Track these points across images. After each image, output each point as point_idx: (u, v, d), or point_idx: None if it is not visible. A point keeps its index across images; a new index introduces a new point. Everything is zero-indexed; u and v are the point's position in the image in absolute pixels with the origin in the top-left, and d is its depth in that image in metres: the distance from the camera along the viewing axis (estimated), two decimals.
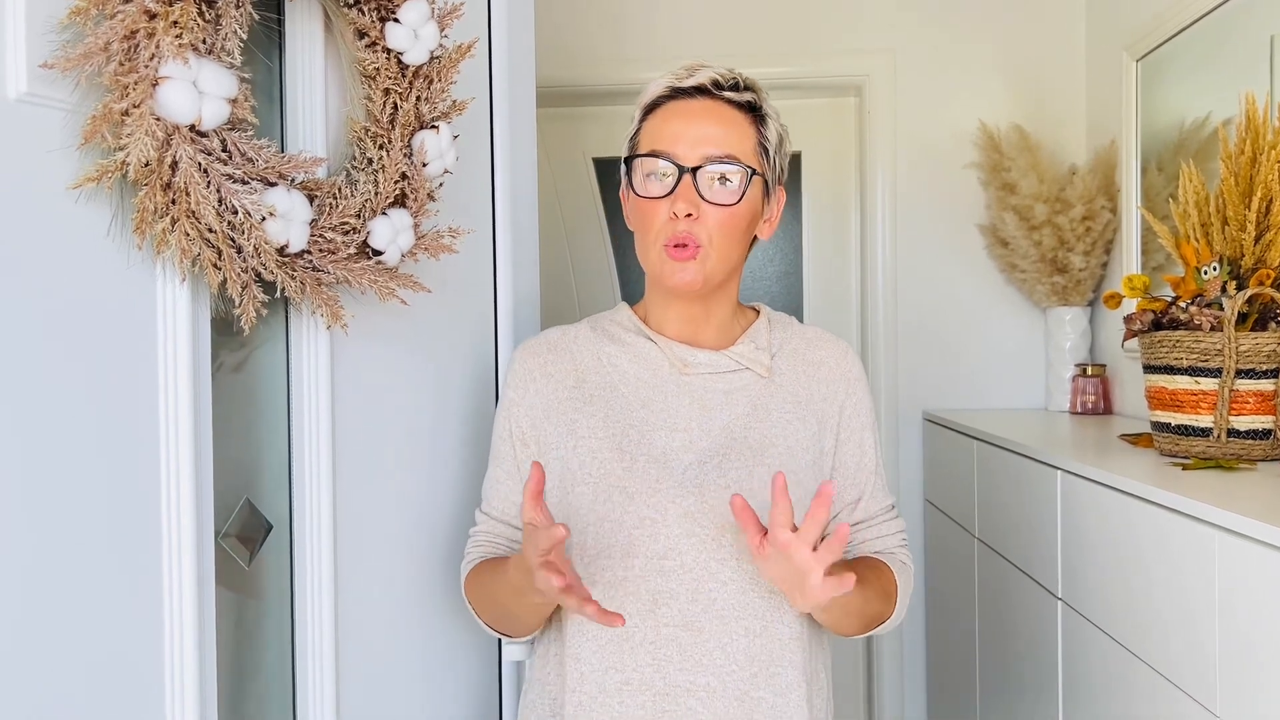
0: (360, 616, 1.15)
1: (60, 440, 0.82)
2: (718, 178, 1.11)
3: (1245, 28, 1.94)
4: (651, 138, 1.14)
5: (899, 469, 2.83)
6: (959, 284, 2.81)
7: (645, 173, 1.13)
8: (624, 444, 1.13)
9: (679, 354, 1.17)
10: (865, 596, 1.11)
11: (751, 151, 1.14)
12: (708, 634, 1.09)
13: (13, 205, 0.78)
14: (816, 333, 1.26)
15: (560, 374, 1.21)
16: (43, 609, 0.80)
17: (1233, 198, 1.56)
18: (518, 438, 1.20)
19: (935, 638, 2.73)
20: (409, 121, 1.08)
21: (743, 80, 1.15)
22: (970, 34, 2.78)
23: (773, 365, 1.19)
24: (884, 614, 1.17)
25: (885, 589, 1.16)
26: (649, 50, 2.82)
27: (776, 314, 1.27)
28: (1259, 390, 1.53)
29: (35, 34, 0.79)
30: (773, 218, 1.21)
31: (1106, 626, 1.52)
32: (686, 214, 1.09)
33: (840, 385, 1.22)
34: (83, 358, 0.83)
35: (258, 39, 1.03)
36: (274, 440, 1.10)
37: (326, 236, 1.00)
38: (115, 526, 0.86)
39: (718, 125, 1.12)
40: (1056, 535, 1.72)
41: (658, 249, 1.12)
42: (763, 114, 1.16)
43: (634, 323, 1.21)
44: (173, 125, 0.84)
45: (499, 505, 1.22)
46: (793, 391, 1.19)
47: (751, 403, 1.16)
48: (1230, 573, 1.17)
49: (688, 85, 1.13)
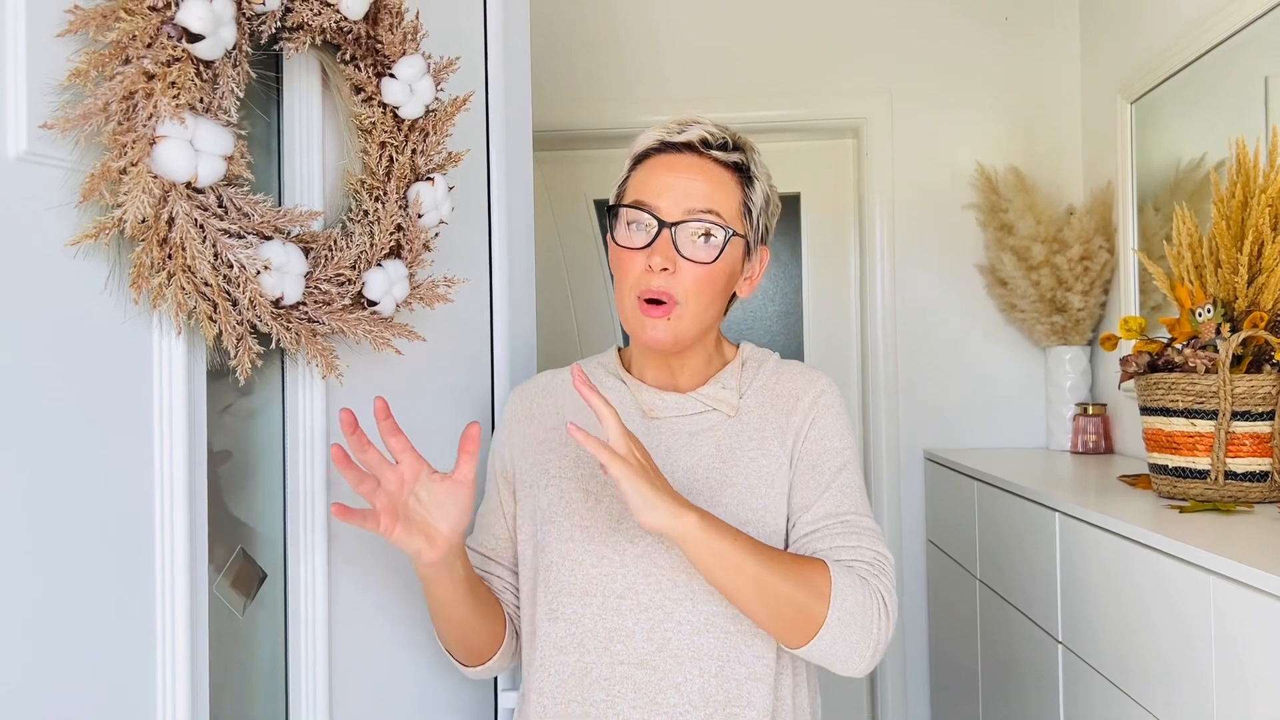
0: (355, 666, 1.15)
1: (57, 490, 0.82)
2: (699, 235, 1.12)
3: (1238, 70, 1.96)
4: (637, 188, 1.15)
5: (900, 508, 2.83)
6: (959, 323, 2.82)
7: (627, 222, 1.15)
8: (590, 485, 1.16)
9: (646, 399, 1.19)
10: (763, 563, 1.01)
11: (735, 212, 1.14)
12: (662, 673, 1.10)
13: (12, 261, 0.79)
14: (791, 366, 1.23)
15: (543, 415, 1.24)
16: (38, 657, 0.81)
17: (1225, 241, 1.57)
18: (500, 476, 1.25)
19: (939, 679, 2.71)
20: (404, 174, 1.10)
21: (733, 140, 1.15)
22: (967, 76, 2.81)
23: (741, 404, 1.19)
24: (810, 608, 1.03)
25: (810, 580, 1.03)
26: (650, 93, 2.85)
27: (756, 351, 1.26)
28: (1255, 432, 1.53)
29: (36, 94, 0.80)
30: (754, 276, 1.21)
31: (1107, 671, 1.51)
32: (662, 268, 1.10)
33: (808, 414, 1.17)
34: (80, 409, 0.84)
35: (255, 94, 1.05)
36: (269, 489, 1.10)
37: (322, 288, 1.01)
38: (110, 575, 0.86)
39: (703, 183, 1.13)
40: (1056, 578, 1.71)
41: (632, 300, 1.13)
42: (750, 175, 1.16)
43: (615, 365, 1.24)
44: (169, 183, 0.85)
45: (480, 538, 1.26)
46: (759, 427, 1.17)
47: (717, 443, 1.16)
48: (1228, 618, 1.17)
49: (677, 140, 1.14)
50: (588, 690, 1.11)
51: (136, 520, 0.89)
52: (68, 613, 0.83)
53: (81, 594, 0.84)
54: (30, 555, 0.80)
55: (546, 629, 1.14)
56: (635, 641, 1.10)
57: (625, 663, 1.10)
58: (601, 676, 1.11)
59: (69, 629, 0.83)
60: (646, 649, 1.10)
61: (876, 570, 1.09)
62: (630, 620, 1.11)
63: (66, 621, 0.83)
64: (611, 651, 1.11)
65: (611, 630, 1.11)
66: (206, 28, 0.85)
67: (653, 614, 1.11)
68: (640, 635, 1.10)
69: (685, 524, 0.99)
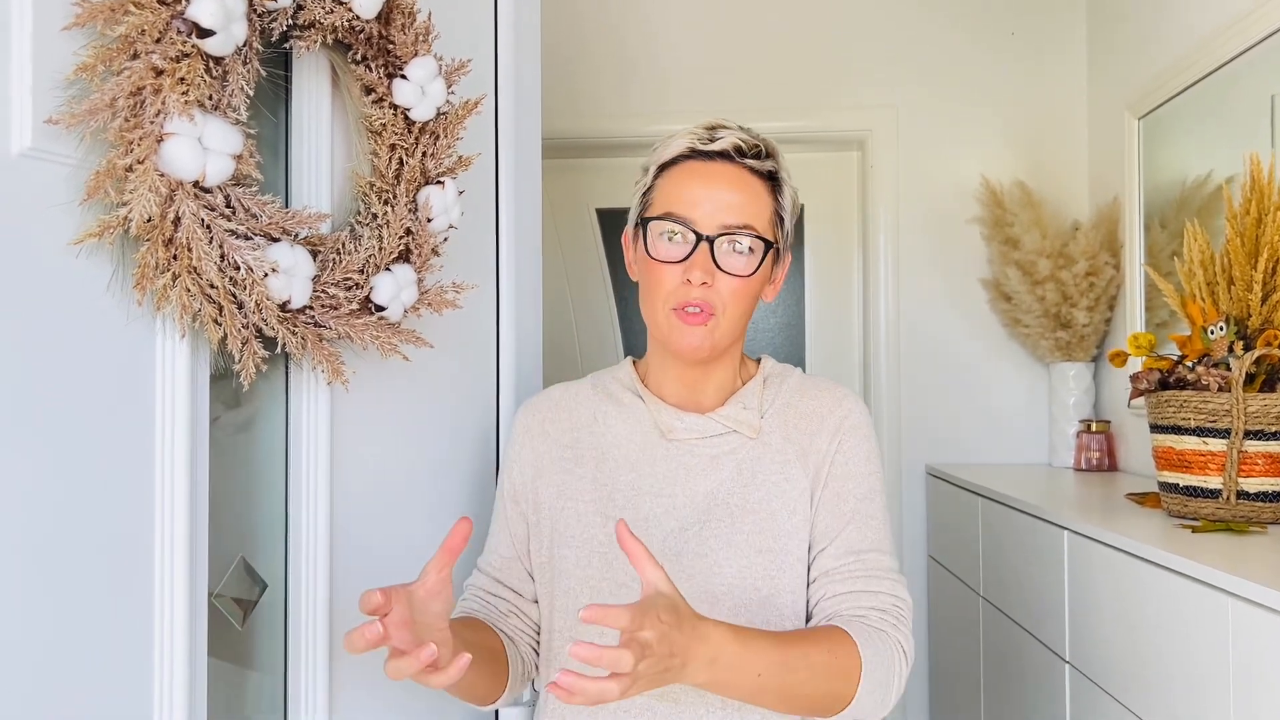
0: (356, 678, 1.13)
1: (55, 495, 0.80)
2: (734, 249, 1.09)
3: (1246, 87, 1.95)
4: (668, 198, 1.11)
5: (902, 523, 2.81)
6: (962, 338, 2.81)
7: (659, 233, 1.11)
8: (608, 508, 1.12)
9: (665, 420, 1.15)
10: (805, 654, 0.98)
11: (769, 222, 1.12)
12: (684, 705, 1.07)
13: (14, 259, 0.77)
14: (814, 382, 1.19)
15: (557, 433, 1.20)
16: (34, 664, 0.78)
17: (1239, 258, 1.56)
18: (509, 495, 1.20)
19: (939, 699, 2.68)
20: (414, 177, 1.08)
21: (764, 147, 1.12)
22: (973, 90, 2.80)
23: (763, 424, 1.15)
24: (841, 693, 1.00)
25: (840, 668, 1.00)
26: (655, 103, 2.84)
27: (778, 366, 1.22)
28: (1268, 452, 1.51)
29: (41, 89, 0.78)
30: (778, 280, 1.18)
31: (1116, 691, 1.49)
32: (702, 282, 1.08)
33: (835, 437, 1.14)
34: (80, 413, 0.82)
35: (264, 94, 1.03)
36: (271, 498, 1.08)
37: (329, 292, 0.99)
38: (108, 583, 0.84)
39: (738, 194, 1.09)
40: (1064, 596, 1.69)
41: (666, 312, 1.10)
42: (780, 181, 1.14)
43: (632, 380, 1.20)
44: (176, 181, 0.83)
45: (487, 558, 1.22)
46: (781, 449, 1.14)
47: (738, 466, 1.12)
48: (1244, 640, 1.15)
49: (710, 149, 1.11)
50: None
51: (136, 528, 0.87)
52: (64, 620, 0.81)
53: (79, 601, 0.82)
54: (27, 561, 0.78)
55: (565, 657, 1.11)
56: None
57: (646, 694, 1.07)
58: (620, 707, 1.08)
59: (66, 636, 0.81)
60: None
61: (894, 619, 1.07)
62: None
63: (63, 629, 0.81)
64: None
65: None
66: (218, 23, 0.83)
67: None
68: None
69: (707, 681, 0.92)
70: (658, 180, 1.14)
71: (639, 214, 1.15)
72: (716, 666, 0.91)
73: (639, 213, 1.15)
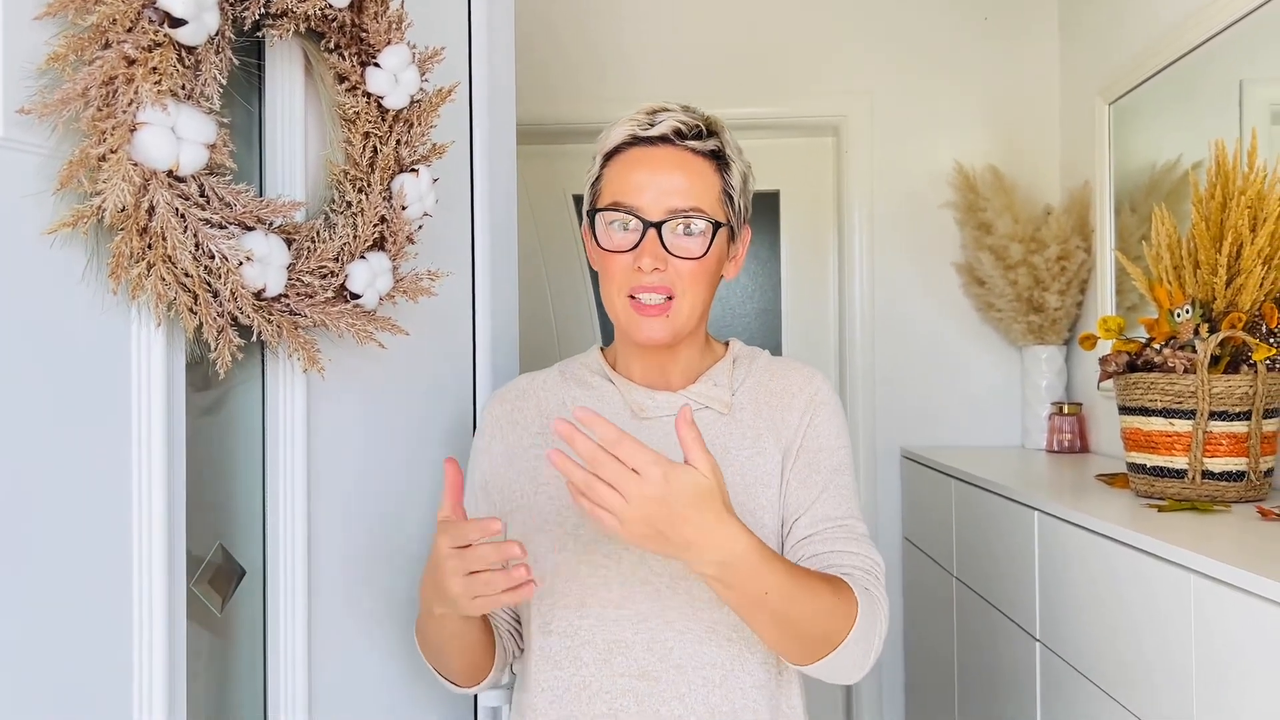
0: (335, 664, 1.14)
1: (31, 484, 0.80)
2: (684, 231, 1.10)
3: (1214, 73, 1.98)
4: (614, 187, 1.12)
5: (877, 506, 2.84)
6: (936, 322, 2.83)
7: (608, 223, 1.12)
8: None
9: (636, 399, 1.16)
10: (812, 590, 0.99)
11: (716, 201, 1.12)
12: (664, 684, 1.08)
13: None
14: (784, 362, 1.22)
15: (526, 420, 1.20)
16: (10, 652, 0.79)
17: (1204, 242, 1.58)
18: (479, 487, 1.20)
19: (914, 678, 2.72)
20: (388, 165, 1.09)
21: (705, 125, 1.12)
22: (947, 76, 2.82)
23: (734, 401, 1.17)
24: (834, 634, 1.01)
25: (839, 605, 1.01)
26: (630, 89, 2.84)
27: (747, 348, 1.24)
28: (1232, 432, 1.54)
29: (12, 79, 0.78)
30: (738, 256, 1.19)
31: (1085, 669, 1.52)
32: (654, 268, 1.08)
33: (805, 412, 1.16)
34: (55, 402, 0.82)
35: (238, 83, 1.03)
36: (249, 485, 1.08)
37: (304, 280, 0.99)
38: (85, 570, 0.85)
39: (682, 177, 1.10)
40: (1034, 576, 1.72)
41: (623, 299, 1.11)
42: (726, 159, 1.14)
43: (600, 365, 1.21)
44: (150, 170, 0.83)
45: None
46: (753, 425, 1.16)
47: (710, 441, 1.13)
48: (1208, 617, 1.17)
49: (650, 135, 1.11)
50: (586, 705, 1.08)
51: (113, 516, 0.87)
52: (41, 608, 0.81)
53: (56, 589, 0.82)
54: (3, 549, 0.78)
55: (540, 643, 1.12)
56: (635, 653, 1.08)
57: (625, 675, 1.08)
58: (602, 689, 1.08)
59: (43, 624, 0.81)
60: (647, 660, 1.08)
61: (872, 579, 1.08)
62: (629, 631, 1.08)
63: (40, 616, 0.81)
64: (611, 664, 1.08)
65: (610, 643, 1.08)
66: (189, 12, 0.83)
67: (652, 624, 1.08)
68: (640, 647, 1.08)
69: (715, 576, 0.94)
70: (604, 170, 1.14)
71: (589, 205, 1.16)
72: (729, 568, 0.93)
73: (590, 204, 1.16)
